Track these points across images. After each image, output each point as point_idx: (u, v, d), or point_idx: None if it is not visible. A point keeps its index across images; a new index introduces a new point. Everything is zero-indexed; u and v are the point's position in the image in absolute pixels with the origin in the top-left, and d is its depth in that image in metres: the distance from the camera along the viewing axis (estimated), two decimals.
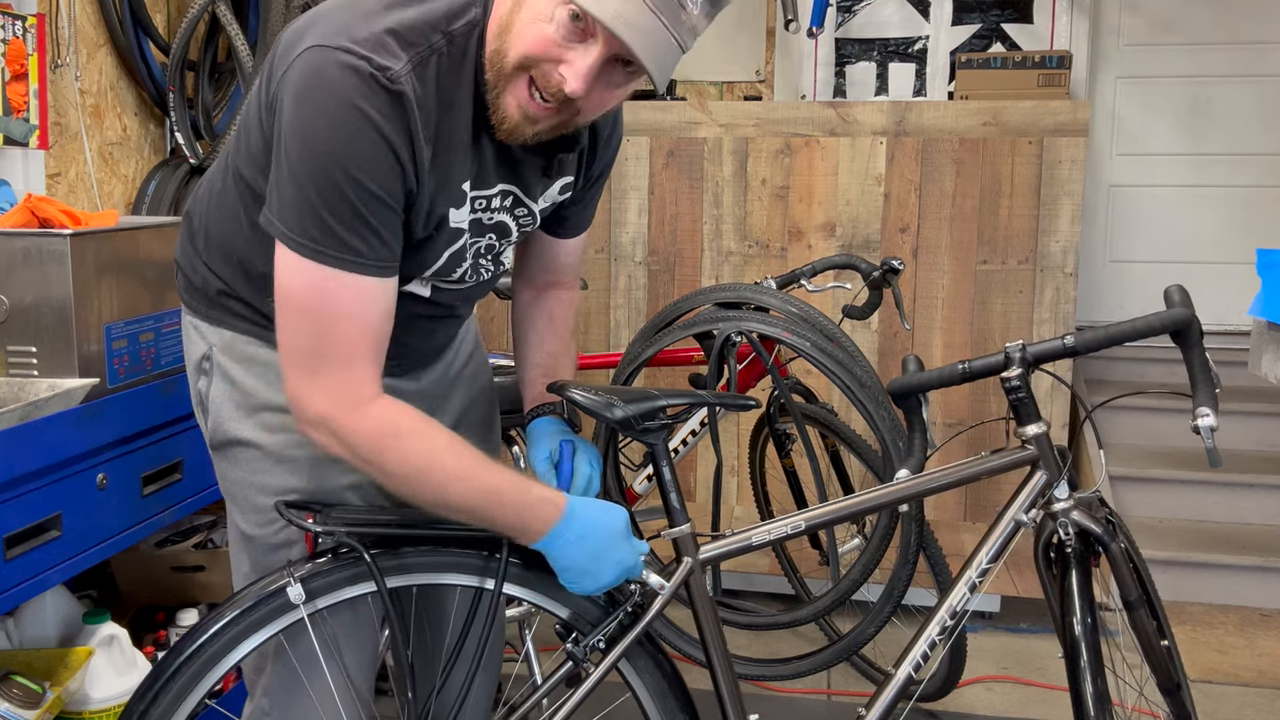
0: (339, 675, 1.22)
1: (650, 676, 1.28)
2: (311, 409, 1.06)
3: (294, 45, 1.04)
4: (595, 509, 1.14)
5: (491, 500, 1.09)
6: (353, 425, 1.05)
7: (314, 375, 1.05)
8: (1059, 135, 2.68)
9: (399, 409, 1.08)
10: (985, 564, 1.37)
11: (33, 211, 1.62)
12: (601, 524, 1.13)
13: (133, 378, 1.71)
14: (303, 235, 1.02)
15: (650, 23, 0.99)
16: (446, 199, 1.11)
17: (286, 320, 1.06)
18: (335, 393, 1.05)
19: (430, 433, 1.08)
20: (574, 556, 1.13)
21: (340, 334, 1.04)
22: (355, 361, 1.05)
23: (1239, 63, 3.73)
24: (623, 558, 1.15)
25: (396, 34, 1.02)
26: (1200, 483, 3.15)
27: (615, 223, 2.88)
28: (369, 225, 1.02)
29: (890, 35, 3.82)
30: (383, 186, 1.02)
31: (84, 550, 1.55)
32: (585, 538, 1.12)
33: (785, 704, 2.34)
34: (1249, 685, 2.49)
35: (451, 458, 1.08)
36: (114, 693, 1.65)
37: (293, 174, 1.01)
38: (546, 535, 1.11)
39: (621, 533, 1.15)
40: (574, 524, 1.11)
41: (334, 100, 0.99)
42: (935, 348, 2.77)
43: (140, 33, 2.63)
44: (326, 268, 1.02)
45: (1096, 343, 1.35)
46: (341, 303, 1.03)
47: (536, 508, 1.11)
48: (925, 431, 1.43)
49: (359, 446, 1.06)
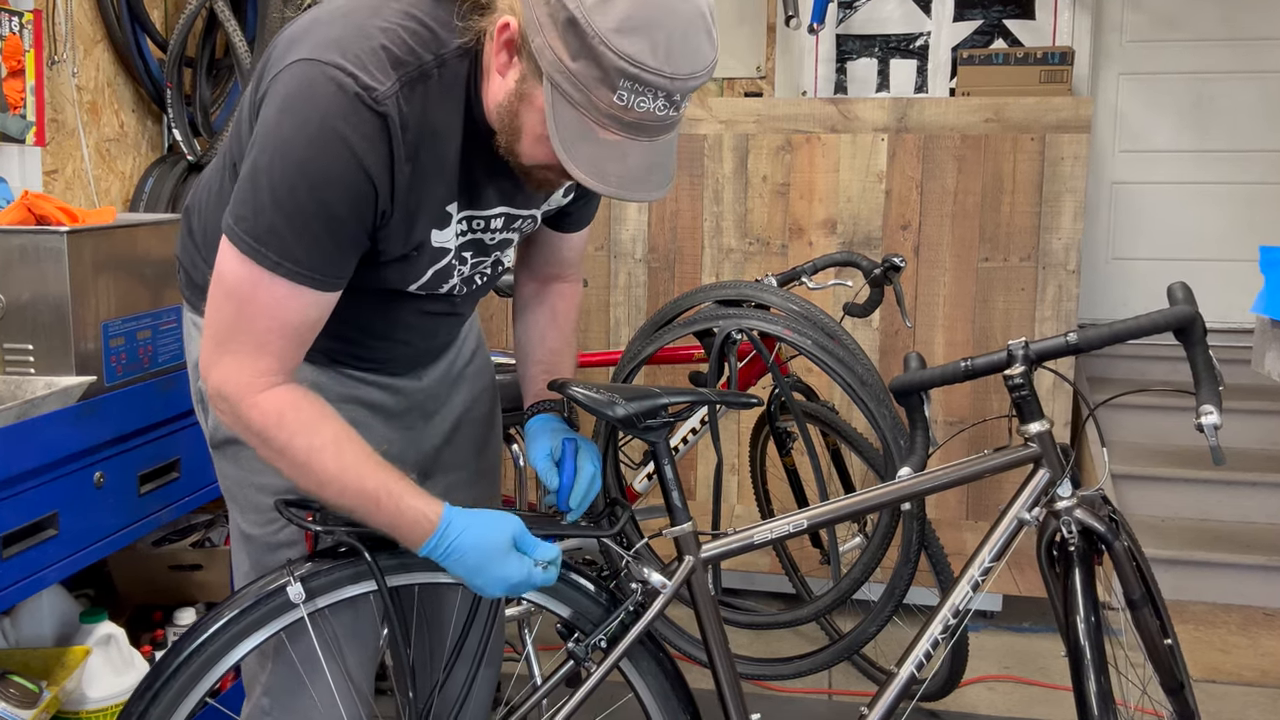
0: (339, 674, 1.22)
1: (652, 677, 1.28)
2: (213, 381, 1.08)
3: (286, 53, 1.04)
4: (475, 525, 1.11)
5: (366, 505, 1.09)
6: (244, 410, 1.07)
7: (224, 353, 1.07)
8: (1061, 132, 2.67)
9: (291, 402, 1.08)
10: (988, 562, 1.37)
11: (29, 209, 1.61)
12: (476, 541, 1.10)
13: (130, 375, 1.71)
14: (249, 234, 1.03)
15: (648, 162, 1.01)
16: (428, 220, 1.11)
17: (214, 297, 1.08)
18: (236, 375, 1.07)
19: (317, 428, 1.08)
20: (457, 571, 1.12)
21: (258, 327, 1.06)
22: (263, 353, 1.06)
23: (1242, 59, 3.72)
24: (507, 574, 1.11)
25: (388, 51, 1.02)
26: (1203, 481, 3.14)
27: (615, 220, 2.87)
28: (318, 241, 1.03)
29: (891, 31, 3.80)
30: (349, 210, 1.03)
31: (81, 549, 1.55)
32: (462, 553, 1.10)
33: (786, 704, 2.33)
34: (1251, 685, 2.48)
35: (331, 457, 1.07)
36: (111, 692, 1.65)
37: (256, 177, 1.02)
38: (423, 548, 1.10)
39: (501, 548, 1.11)
40: (448, 539, 1.10)
41: (315, 118, 0.99)
42: (937, 345, 2.75)
43: (137, 29, 2.63)
44: (262, 269, 1.03)
45: (1100, 340, 1.34)
46: (268, 301, 1.05)
47: (410, 519, 1.09)
48: (927, 429, 1.43)
49: (248, 431, 1.08)
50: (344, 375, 1.24)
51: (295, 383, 1.09)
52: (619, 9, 0.94)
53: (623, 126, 0.98)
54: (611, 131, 0.98)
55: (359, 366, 1.25)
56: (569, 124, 0.98)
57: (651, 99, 0.97)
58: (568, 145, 0.98)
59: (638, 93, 0.96)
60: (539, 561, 1.13)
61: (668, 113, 0.99)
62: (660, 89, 0.96)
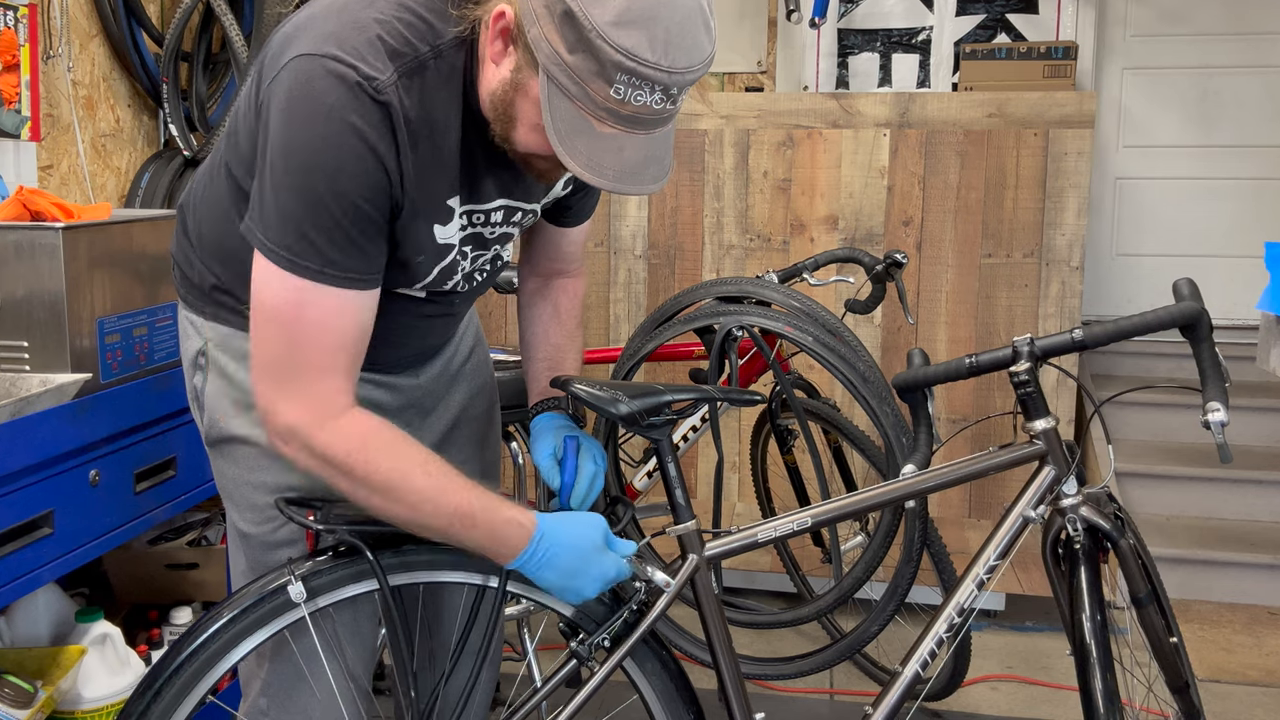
0: (339, 673, 1.21)
1: (656, 676, 1.27)
2: (281, 420, 1.04)
3: (283, 51, 1.03)
4: (568, 526, 1.11)
5: (462, 522, 1.07)
6: (323, 439, 1.03)
7: (285, 386, 1.03)
8: (1065, 127, 2.65)
9: (371, 424, 1.06)
10: (993, 560, 1.36)
11: (24, 204, 1.60)
12: (574, 542, 1.10)
13: (126, 373, 1.69)
14: (282, 246, 1.01)
15: (644, 155, 1.00)
16: (431, 215, 1.10)
17: (261, 330, 1.05)
18: (305, 404, 1.03)
19: (402, 449, 1.06)
20: (549, 577, 1.11)
21: (314, 347, 1.03)
22: (328, 374, 1.04)
23: (1248, 53, 3.70)
24: (603, 571, 1.12)
25: (384, 43, 1.01)
26: (1209, 479, 3.12)
27: (614, 215, 2.85)
28: (350, 239, 1.01)
29: (893, 26, 3.78)
30: (368, 199, 1.01)
31: (76, 548, 1.54)
32: (559, 557, 1.09)
33: (787, 703, 2.32)
34: (1256, 685, 2.46)
35: (422, 476, 1.05)
36: (107, 692, 1.64)
37: (275, 184, 1.00)
38: (518, 559, 1.09)
39: (597, 546, 1.12)
40: (544, 546, 1.09)
41: (321, 111, 0.98)
42: (939, 342, 2.74)
43: (133, 23, 2.62)
44: (305, 280, 1.01)
45: (1105, 336, 1.34)
46: (317, 316, 1.02)
47: (506, 532, 1.08)
48: (931, 426, 1.42)
49: (328, 460, 1.04)
50: None
51: (361, 406, 1.07)
52: (616, 2, 0.93)
53: (619, 120, 0.97)
54: (608, 125, 0.97)
55: None
56: (565, 117, 0.97)
57: (649, 93, 0.96)
58: (563, 138, 0.98)
59: (635, 87, 0.95)
60: (623, 557, 1.14)
61: (665, 106, 0.98)
62: (658, 83, 0.96)
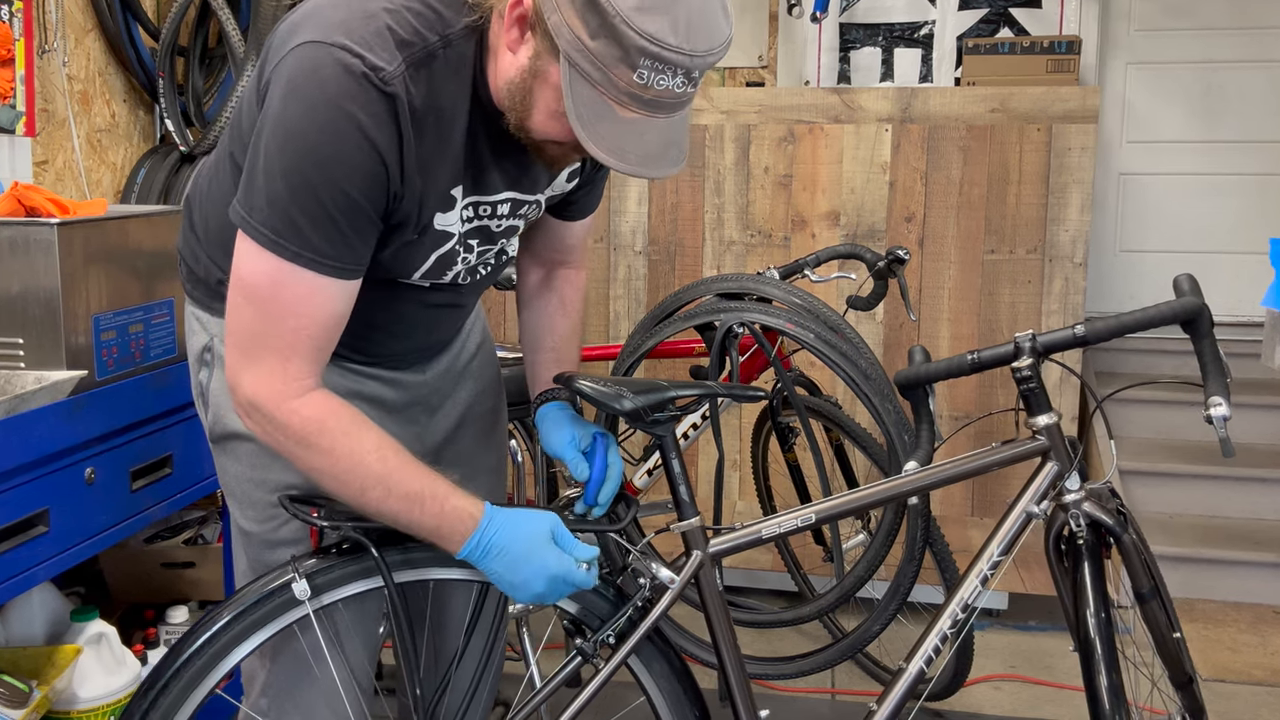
0: (342, 670, 1.21)
1: (661, 674, 1.27)
2: (243, 393, 1.06)
3: (289, 38, 1.03)
4: (515, 519, 1.11)
5: (410, 507, 1.07)
6: (282, 417, 1.05)
7: (252, 361, 1.05)
8: (1068, 122, 2.63)
9: (329, 407, 1.07)
10: (996, 556, 1.36)
11: (19, 200, 1.59)
12: (518, 534, 1.10)
13: (122, 370, 1.68)
14: (266, 226, 1.01)
15: (665, 139, 1.01)
16: (433, 203, 1.10)
17: (235, 303, 1.06)
18: (268, 382, 1.05)
19: (358, 433, 1.07)
20: (495, 568, 1.10)
21: (285, 327, 1.04)
22: (295, 355, 1.05)
23: (1252, 48, 3.68)
24: (546, 565, 1.10)
25: (393, 33, 1.01)
26: (1212, 477, 3.10)
27: (615, 211, 2.84)
28: (336, 226, 1.02)
29: (896, 20, 3.76)
30: (362, 193, 1.01)
31: (72, 546, 1.53)
32: (504, 548, 1.09)
33: (789, 703, 2.31)
34: (1261, 684, 2.45)
35: (375, 460, 1.06)
36: (103, 692, 1.64)
37: (268, 167, 1.00)
38: (464, 548, 1.09)
39: (543, 539, 1.11)
40: (489, 535, 1.09)
41: (323, 100, 0.98)
42: (942, 339, 2.72)
43: (129, 18, 2.60)
44: (283, 261, 1.02)
45: (1107, 332, 1.35)
46: (292, 298, 1.03)
47: (453, 519, 1.08)
48: (933, 423, 1.41)
49: (285, 438, 1.06)
50: (345, 369, 1.23)
51: (326, 387, 1.08)
52: None
53: (641, 104, 0.98)
54: (630, 109, 0.98)
55: (360, 360, 1.24)
56: (587, 102, 0.98)
57: (671, 77, 0.97)
58: (586, 124, 0.98)
59: (658, 71, 0.96)
60: (578, 561, 1.12)
61: (685, 89, 0.99)
62: (680, 66, 0.97)
